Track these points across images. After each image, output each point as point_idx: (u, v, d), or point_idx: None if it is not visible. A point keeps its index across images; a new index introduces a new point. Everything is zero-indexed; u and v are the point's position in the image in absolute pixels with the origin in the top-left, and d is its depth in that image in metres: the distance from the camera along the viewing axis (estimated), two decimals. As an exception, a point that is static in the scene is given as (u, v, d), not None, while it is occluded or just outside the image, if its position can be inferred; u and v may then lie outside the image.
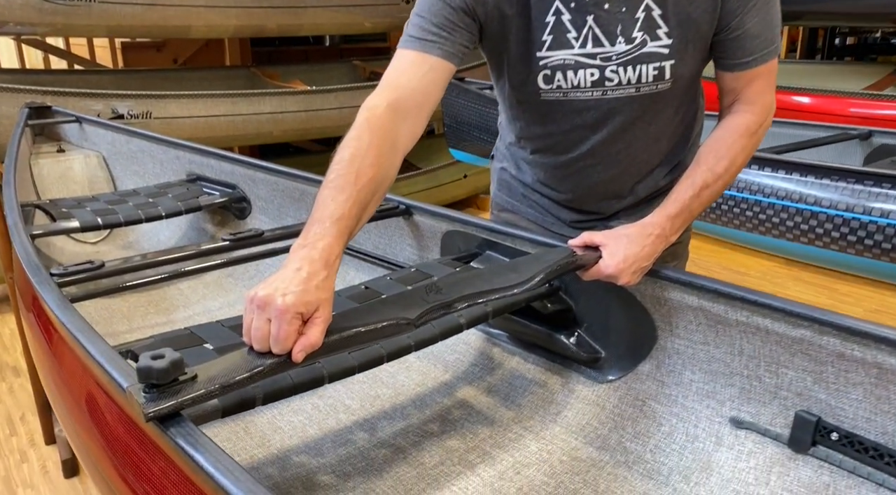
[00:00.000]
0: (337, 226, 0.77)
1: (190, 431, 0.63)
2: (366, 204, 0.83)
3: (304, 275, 0.73)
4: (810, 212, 2.71)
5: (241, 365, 0.71)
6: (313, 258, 0.74)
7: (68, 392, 0.92)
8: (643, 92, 1.04)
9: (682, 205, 1.03)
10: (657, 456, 1.03)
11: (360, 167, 0.83)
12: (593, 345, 1.18)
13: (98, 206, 1.76)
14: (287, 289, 0.71)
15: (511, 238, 1.26)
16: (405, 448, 1.10)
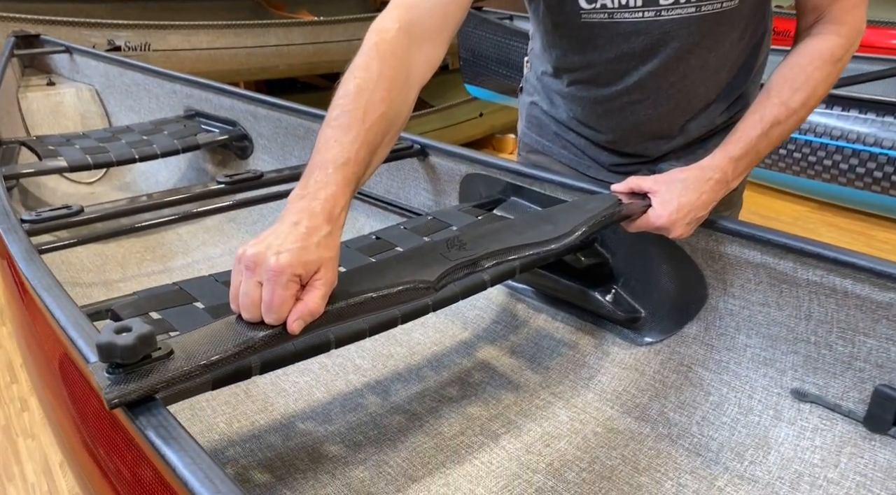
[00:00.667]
0: (342, 173, 0.64)
1: (163, 421, 0.52)
2: (376, 145, 0.69)
3: (303, 230, 0.60)
4: (851, 151, 2.51)
5: (228, 337, 0.58)
6: (314, 210, 0.61)
7: (37, 352, 0.81)
8: (704, 11, 0.87)
9: (748, 145, 0.88)
10: (705, 430, 0.92)
11: (368, 101, 0.69)
12: (632, 304, 1.06)
13: (88, 144, 1.62)
14: (282, 246, 0.58)
15: (540, 182, 1.12)
16: (421, 414, 1.00)
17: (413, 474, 0.89)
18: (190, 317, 0.80)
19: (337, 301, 0.63)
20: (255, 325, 0.59)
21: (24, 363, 0.98)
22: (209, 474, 0.48)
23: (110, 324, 0.54)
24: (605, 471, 0.88)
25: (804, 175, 2.79)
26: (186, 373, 0.55)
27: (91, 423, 0.63)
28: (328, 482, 0.87)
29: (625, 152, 1.08)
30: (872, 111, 2.33)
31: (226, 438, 0.95)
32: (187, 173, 1.92)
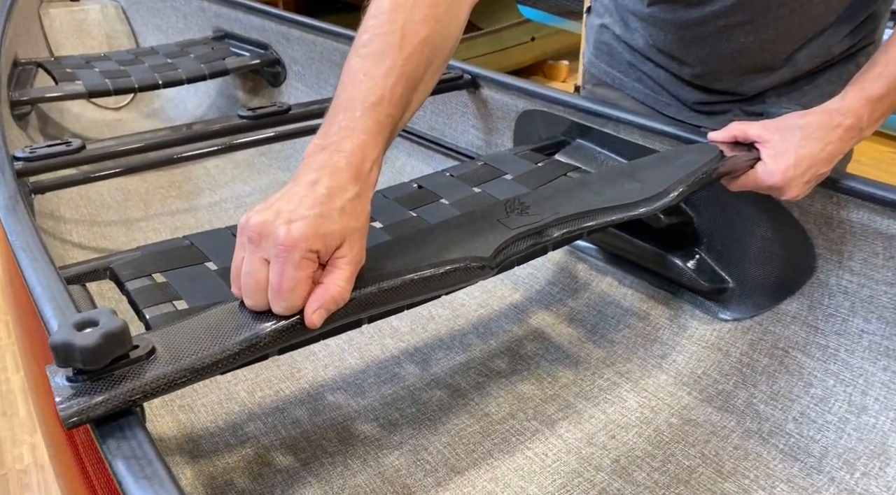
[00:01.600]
0: (373, 115, 0.50)
1: (136, 449, 0.39)
2: (417, 79, 0.55)
3: (323, 191, 0.46)
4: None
5: (227, 330, 0.45)
6: (337, 166, 0.48)
7: (19, 329, 0.70)
8: None
9: (891, 83, 0.69)
10: (804, 429, 0.77)
11: (406, 21, 0.54)
12: (719, 272, 0.89)
13: (109, 67, 1.49)
14: (295, 212, 0.45)
15: (613, 123, 0.95)
16: (465, 391, 0.87)
17: (455, 464, 0.77)
18: (199, 282, 0.67)
19: (367, 284, 0.49)
20: (262, 315, 0.46)
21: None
22: None
23: (69, 317, 0.41)
24: (682, 473, 0.75)
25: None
26: (170, 380, 0.42)
27: (57, 433, 0.52)
28: (359, 470, 0.76)
29: (714, 88, 0.90)
30: None
31: (246, 410, 0.84)
32: (217, 100, 1.78)
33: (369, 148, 0.49)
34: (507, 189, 0.89)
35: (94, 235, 1.22)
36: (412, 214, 0.84)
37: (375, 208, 0.85)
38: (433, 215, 0.84)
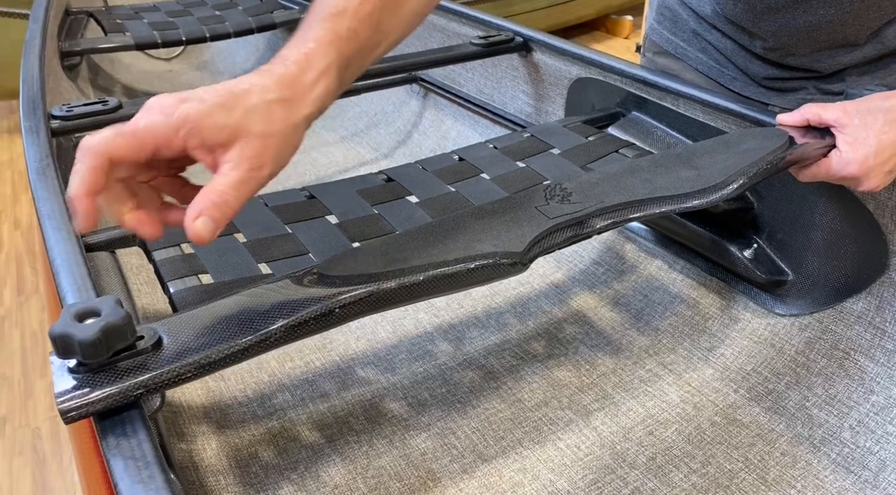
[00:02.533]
0: (328, 25, 0.46)
1: (136, 450, 0.37)
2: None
3: (244, 87, 0.42)
4: None
5: (237, 322, 0.43)
6: (272, 72, 0.43)
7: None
8: None
9: None
10: (861, 439, 0.71)
11: None
12: (778, 263, 0.83)
13: (158, 19, 1.47)
14: (197, 95, 0.41)
15: (672, 96, 0.88)
16: (498, 373, 0.84)
17: (483, 451, 0.74)
18: (226, 255, 0.65)
19: (389, 279, 0.46)
20: (273, 312, 0.43)
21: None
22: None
23: (71, 307, 0.39)
24: (723, 478, 0.70)
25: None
26: (176, 375, 0.40)
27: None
28: (384, 450, 0.74)
29: (787, 64, 0.82)
30: None
31: (276, 380, 0.83)
32: (265, 54, 1.75)
33: (317, 57, 0.44)
34: (552, 164, 0.84)
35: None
36: (450, 189, 0.80)
37: (414, 180, 0.82)
38: (471, 190, 0.79)
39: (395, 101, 1.44)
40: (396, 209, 0.76)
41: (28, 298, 1.84)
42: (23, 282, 1.91)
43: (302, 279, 0.47)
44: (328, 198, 0.78)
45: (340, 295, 0.44)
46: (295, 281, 0.47)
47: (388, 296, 0.46)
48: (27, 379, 1.57)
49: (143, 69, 1.78)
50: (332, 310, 0.44)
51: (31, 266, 1.98)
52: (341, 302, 0.44)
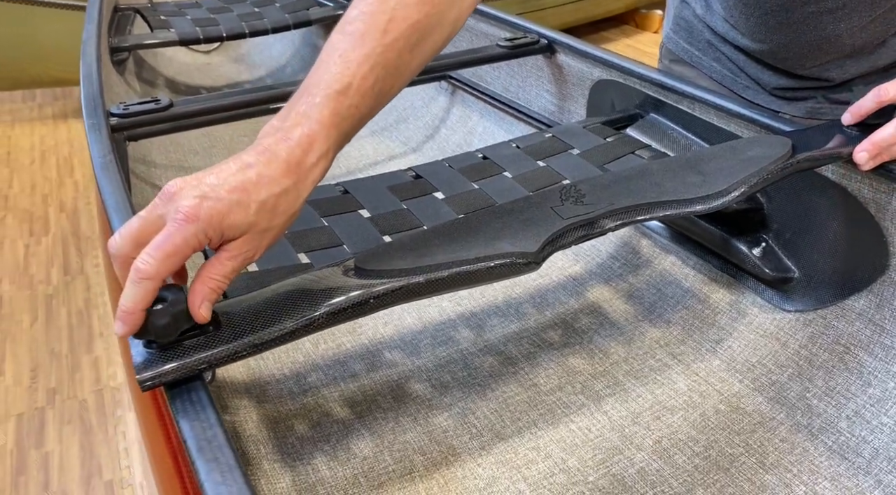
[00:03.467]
0: (332, 105, 0.48)
1: (203, 417, 0.44)
2: (396, 66, 0.51)
3: (253, 178, 0.44)
4: None
5: (285, 308, 0.49)
6: (277, 155, 0.46)
7: (108, 276, 0.77)
8: None
9: None
10: (857, 429, 0.76)
11: (398, 4, 0.51)
12: (785, 261, 0.87)
13: (200, 15, 1.55)
14: (214, 189, 0.44)
15: (689, 100, 0.92)
16: (516, 359, 0.90)
17: (500, 430, 0.80)
18: (275, 252, 0.72)
19: (417, 274, 0.52)
20: (316, 298, 0.49)
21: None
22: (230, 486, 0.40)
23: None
24: (724, 461, 0.76)
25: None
26: (232, 352, 0.47)
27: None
28: (409, 427, 0.81)
29: (797, 74, 0.86)
30: None
31: (310, 361, 0.90)
32: (301, 49, 1.82)
33: (319, 140, 0.47)
34: (571, 164, 0.89)
35: (181, 181, 1.29)
36: (474, 186, 0.86)
37: (440, 177, 0.88)
38: (494, 188, 0.85)
39: (424, 97, 1.50)
40: (423, 205, 0.82)
41: (74, 278, 1.95)
42: (69, 262, 2.02)
43: (341, 270, 0.53)
44: (361, 194, 0.84)
45: (375, 287, 0.50)
46: (334, 272, 0.53)
47: (416, 289, 0.52)
48: (74, 354, 1.67)
49: (184, 62, 1.86)
50: (367, 300, 0.50)
51: (76, 247, 2.08)
52: (375, 293, 0.50)
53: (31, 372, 1.61)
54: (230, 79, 1.80)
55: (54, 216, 2.24)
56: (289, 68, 1.80)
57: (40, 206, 2.28)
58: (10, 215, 2.24)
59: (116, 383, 1.59)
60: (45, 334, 1.74)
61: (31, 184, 2.41)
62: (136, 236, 0.43)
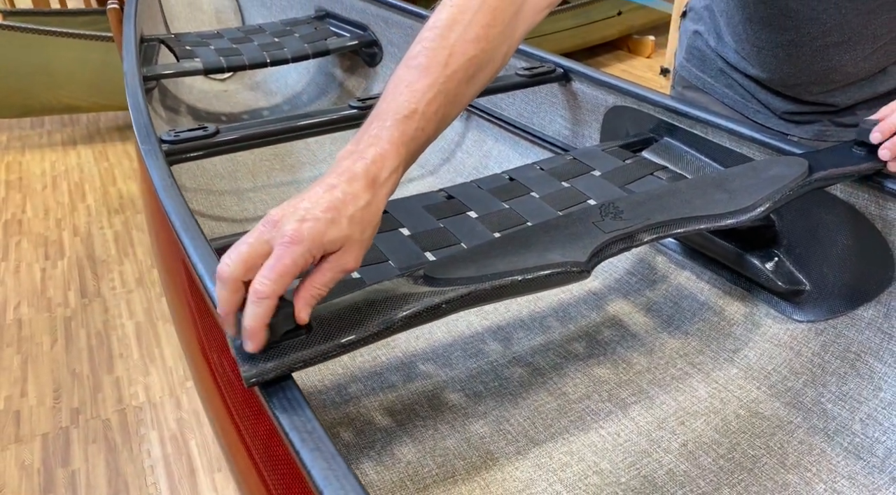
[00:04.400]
0: (401, 127, 0.54)
1: (297, 408, 0.49)
2: (455, 95, 0.58)
3: (339, 196, 0.50)
4: None
5: (368, 314, 0.54)
6: (355, 173, 0.51)
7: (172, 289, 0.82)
8: None
9: None
10: (870, 430, 0.81)
11: (458, 40, 0.57)
12: (796, 274, 0.93)
13: (222, 45, 1.61)
14: (310, 212, 0.49)
15: (702, 124, 0.98)
16: (544, 370, 0.95)
17: (534, 436, 0.85)
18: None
19: (482, 281, 0.57)
20: (394, 303, 0.54)
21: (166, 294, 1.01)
22: (336, 471, 0.45)
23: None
24: (747, 462, 0.80)
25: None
26: (323, 353, 0.52)
27: (231, 382, 0.63)
28: (448, 434, 0.85)
29: (804, 99, 0.92)
30: None
31: (349, 373, 0.95)
32: (316, 77, 1.89)
33: (390, 158, 0.53)
34: (594, 185, 0.95)
35: (210, 204, 1.35)
36: (505, 206, 0.91)
37: (472, 198, 0.94)
38: (524, 207, 0.91)
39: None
40: (459, 223, 0.88)
41: (91, 301, 1.98)
42: (85, 285, 2.05)
43: (412, 280, 0.58)
44: (399, 213, 0.89)
45: (446, 293, 0.56)
46: (406, 282, 0.58)
47: (482, 295, 0.57)
48: (95, 375, 1.71)
49: (202, 89, 1.92)
50: (439, 306, 0.55)
51: (91, 271, 2.12)
52: (447, 299, 0.56)
53: (54, 392, 1.64)
54: (248, 105, 1.86)
55: (69, 240, 2.28)
56: (305, 95, 1.86)
57: (54, 231, 2.32)
58: (25, 239, 2.27)
59: (139, 402, 1.62)
60: (65, 356, 1.77)
61: (44, 209, 2.45)
62: (246, 261, 0.48)
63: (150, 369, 1.73)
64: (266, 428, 0.53)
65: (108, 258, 2.18)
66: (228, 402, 0.61)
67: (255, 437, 0.56)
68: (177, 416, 1.58)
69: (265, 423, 0.52)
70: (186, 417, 1.58)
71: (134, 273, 2.12)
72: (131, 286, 2.05)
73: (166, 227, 0.75)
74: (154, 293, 2.02)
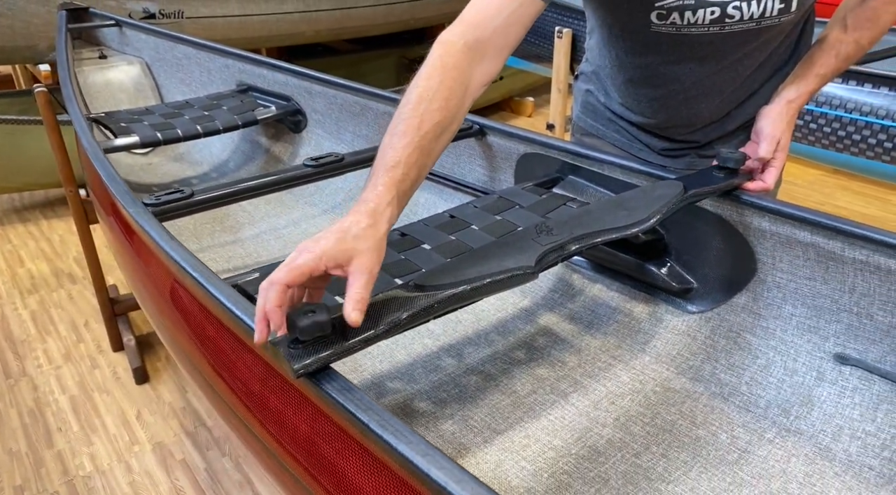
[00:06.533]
0: (390, 174, 0.72)
1: (343, 385, 0.63)
2: (429, 149, 0.76)
3: (345, 225, 0.67)
4: (864, 123, 2.59)
5: (380, 315, 0.69)
6: (358, 210, 0.69)
7: (184, 330, 0.92)
8: (763, 25, 0.96)
9: (823, 81, 1.01)
10: (753, 389, 1.03)
11: (426, 110, 0.76)
12: (685, 276, 1.16)
13: (154, 120, 1.72)
14: (323, 237, 0.66)
15: (598, 163, 1.21)
16: (495, 375, 1.11)
17: (496, 427, 1.01)
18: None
19: (458, 285, 0.74)
20: (398, 306, 0.70)
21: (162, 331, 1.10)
22: (391, 424, 0.60)
23: (298, 307, 0.64)
24: (666, 425, 1.00)
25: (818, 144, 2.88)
26: (349, 348, 0.66)
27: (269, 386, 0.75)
28: (424, 434, 0.99)
29: (675, 139, 1.18)
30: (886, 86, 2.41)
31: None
32: (241, 145, 2.01)
33: (383, 195, 0.70)
34: (520, 216, 1.15)
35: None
36: (452, 238, 1.09)
37: (421, 233, 1.11)
38: (468, 237, 1.09)
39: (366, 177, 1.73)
40: (416, 254, 1.05)
41: (17, 381, 1.95)
42: (7, 367, 2.01)
43: (407, 289, 0.74)
44: None
45: (436, 296, 0.72)
46: (402, 291, 0.74)
47: (462, 295, 0.73)
48: (34, 451, 1.69)
49: (128, 163, 1.99)
50: (432, 306, 0.72)
51: (12, 352, 2.08)
52: (437, 300, 0.72)
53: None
54: (175, 176, 1.95)
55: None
56: (231, 163, 1.98)
57: (-36, 316, 2.25)
58: (-67, 327, 2.19)
59: (86, 472, 1.62)
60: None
61: (-52, 295, 2.37)
62: (284, 266, 0.64)
63: (93, 439, 1.73)
64: (311, 411, 0.66)
65: (29, 337, 2.15)
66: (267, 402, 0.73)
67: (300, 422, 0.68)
68: (129, 480, 1.60)
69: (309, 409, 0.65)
70: (139, 480, 1.60)
71: (59, 349, 2.10)
72: (59, 362, 2.03)
73: (175, 273, 0.86)
74: (85, 366, 2.01)
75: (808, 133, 2.86)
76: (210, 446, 1.70)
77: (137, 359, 1.95)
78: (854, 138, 2.67)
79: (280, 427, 0.73)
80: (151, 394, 1.90)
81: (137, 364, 1.94)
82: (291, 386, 0.72)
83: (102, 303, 1.98)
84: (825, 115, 2.73)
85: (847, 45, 0.99)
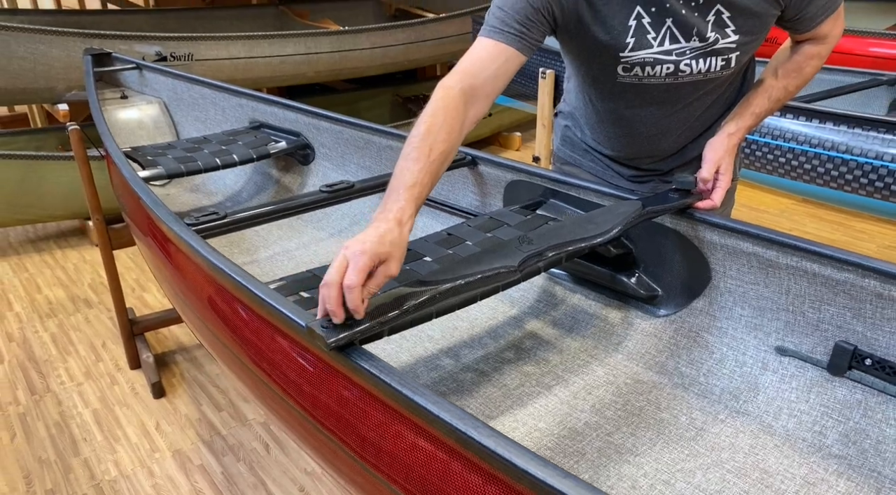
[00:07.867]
0: (410, 192, 0.89)
1: (370, 357, 0.80)
2: (436, 173, 0.95)
3: (382, 231, 0.84)
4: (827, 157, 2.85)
5: (394, 305, 0.86)
6: (388, 219, 0.86)
7: (227, 328, 1.09)
8: (710, 76, 1.16)
9: (758, 120, 1.21)
10: (710, 379, 1.20)
11: (433, 142, 0.95)
12: (651, 285, 1.34)
13: (177, 154, 1.90)
14: (365, 242, 0.82)
15: (576, 188, 1.40)
16: (488, 372, 1.28)
17: (489, 414, 1.17)
18: None
19: (454, 280, 0.91)
20: (408, 297, 0.87)
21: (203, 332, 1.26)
22: (411, 385, 0.76)
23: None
24: (635, 410, 1.17)
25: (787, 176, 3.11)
26: (370, 328, 0.83)
27: (302, 368, 0.92)
28: (426, 420, 1.15)
29: (640, 168, 1.37)
30: (845, 123, 2.68)
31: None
32: (253, 177, 2.19)
33: (406, 209, 0.88)
34: (509, 233, 1.33)
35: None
36: (449, 251, 1.27)
37: (423, 248, 1.29)
38: (463, 251, 1.27)
39: (370, 205, 1.91)
40: (419, 265, 1.22)
41: (42, 397, 2.08)
42: (32, 384, 2.15)
43: (412, 285, 0.92)
44: None
45: (439, 286, 0.89)
46: (411, 285, 0.91)
47: (459, 288, 0.91)
48: (62, 458, 1.82)
49: (148, 194, 2.16)
50: (435, 296, 0.89)
51: (36, 371, 2.22)
52: (440, 290, 0.89)
53: (25, 479, 1.74)
54: (193, 205, 2.13)
55: (4, 345, 2.36)
56: (245, 193, 2.16)
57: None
58: (-41, 348, 2.33)
59: (112, 477, 1.75)
60: (27, 446, 1.86)
61: (-29, 320, 2.51)
62: (340, 270, 0.81)
63: (116, 447, 1.86)
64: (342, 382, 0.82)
65: (50, 357, 2.29)
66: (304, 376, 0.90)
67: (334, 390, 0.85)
68: (152, 483, 1.73)
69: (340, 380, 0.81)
70: (161, 483, 1.74)
71: (80, 367, 2.24)
72: (80, 379, 2.17)
73: (221, 283, 1.03)
74: (105, 383, 2.15)
75: (777, 166, 3.09)
76: (225, 452, 1.84)
77: (155, 374, 2.09)
78: (819, 171, 2.90)
79: (311, 397, 0.90)
80: (168, 407, 2.04)
81: (155, 379, 2.08)
82: (325, 362, 0.89)
83: (122, 323, 2.13)
84: (792, 149, 2.97)
85: (777, 90, 1.20)
